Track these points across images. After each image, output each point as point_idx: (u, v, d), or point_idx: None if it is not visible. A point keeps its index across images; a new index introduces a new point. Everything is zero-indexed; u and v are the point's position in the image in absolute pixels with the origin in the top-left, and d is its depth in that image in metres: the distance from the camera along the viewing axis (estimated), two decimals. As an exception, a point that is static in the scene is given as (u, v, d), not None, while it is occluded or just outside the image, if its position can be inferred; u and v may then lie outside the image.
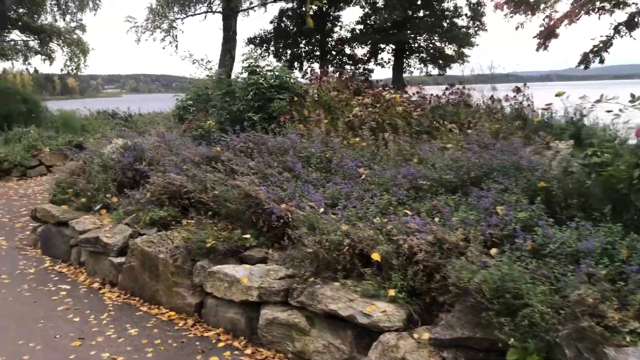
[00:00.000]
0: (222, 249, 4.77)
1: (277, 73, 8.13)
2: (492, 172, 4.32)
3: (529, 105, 7.61)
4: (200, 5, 24.83)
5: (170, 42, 25.22)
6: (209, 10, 24.96)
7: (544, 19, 12.56)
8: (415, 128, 6.98)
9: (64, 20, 31.02)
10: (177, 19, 25.07)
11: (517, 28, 12.96)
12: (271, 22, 27.47)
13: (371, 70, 29.08)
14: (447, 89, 8.57)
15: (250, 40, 27.73)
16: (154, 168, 6.62)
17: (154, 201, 6.05)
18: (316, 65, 28.70)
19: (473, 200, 4.05)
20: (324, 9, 27.25)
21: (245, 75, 8.50)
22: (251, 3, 25.29)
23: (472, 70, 11.70)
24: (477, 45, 25.75)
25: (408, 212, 4.29)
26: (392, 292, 3.60)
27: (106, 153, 7.54)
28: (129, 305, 5.07)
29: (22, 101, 15.17)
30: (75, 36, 30.25)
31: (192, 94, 11.41)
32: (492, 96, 7.68)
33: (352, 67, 28.54)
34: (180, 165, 6.45)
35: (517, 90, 7.66)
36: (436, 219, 4.07)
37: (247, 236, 4.93)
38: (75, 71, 31.75)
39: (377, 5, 26.78)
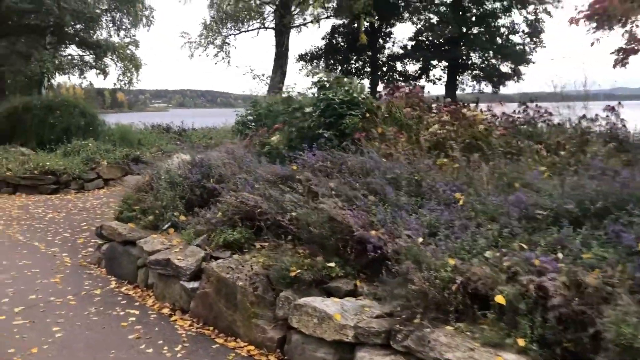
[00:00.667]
0: (307, 278, 4.35)
1: (346, 88, 7.76)
2: (623, 203, 3.78)
3: (623, 125, 7.02)
4: (253, 21, 24.89)
5: (223, 58, 25.41)
6: (262, 26, 24.98)
7: (623, 34, 11.86)
8: (499, 149, 6.49)
9: (118, 35, 31.76)
10: (230, 34, 25.22)
11: (592, 44, 12.30)
12: (323, 39, 27.33)
13: (422, 87, 28.55)
14: (523, 106, 8.06)
15: (301, 57, 27.69)
16: (224, 186, 6.30)
17: (226, 221, 5.71)
18: (366, 82, 28.41)
19: (608, 234, 3.52)
20: (376, 25, 26.96)
21: (314, 90, 8.16)
22: (304, 19, 25.20)
23: (541, 87, 11.00)
24: (534, 62, 24.91)
25: (524, 245, 3.78)
26: (521, 342, 3.09)
27: (172, 169, 7.26)
28: (203, 335, 4.69)
29: (81, 114, 15.26)
30: (128, 51, 30.86)
31: (252, 109, 11.16)
32: (584, 115, 7.09)
33: (403, 84, 28.10)
34: (252, 183, 6.11)
35: (611, 109, 7.08)
36: (560, 255, 3.56)
37: (332, 265, 4.51)
38: (127, 85, 32.36)
39: (431, 21, 26.33)
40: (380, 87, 9.11)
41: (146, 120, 21.58)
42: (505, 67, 25.60)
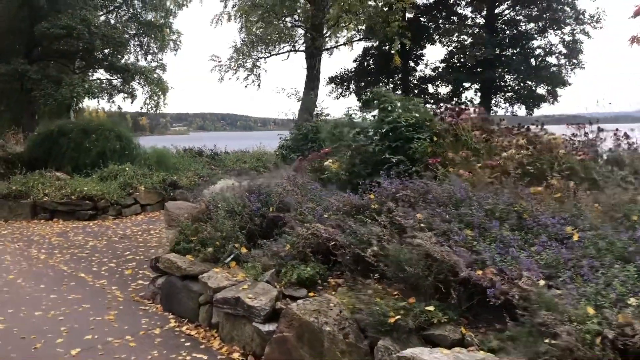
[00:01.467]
0: (407, 325, 3.84)
1: (410, 108, 7.31)
2: None
3: None
4: (284, 44, 24.71)
5: (253, 81, 25.21)
6: (293, 49, 24.79)
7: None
8: (581, 174, 5.97)
9: (146, 59, 31.93)
10: (261, 57, 25.05)
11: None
12: (354, 61, 27.06)
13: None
14: (579, 128, 7.51)
15: (332, 79, 27.43)
16: (290, 215, 5.84)
17: (296, 255, 5.24)
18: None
19: None
20: (407, 47, 26.64)
21: (373, 113, 7.72)
22: (337, 42, 24.98)
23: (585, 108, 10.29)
24: (570, 84, 24.30)
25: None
26: None
27: (227, 196, 6.82)
28: (284, 386, 4.19)
29: (117, 138, 15.01)
30: (155, 75, 30.93)
31: (296, 132, 10.78)
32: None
33: (434, 106, 27.64)
34: (321, 213, 5.64)
35: None
36: None
37: (431, 309, 3.99)
38: (154, 109, 32.43)
39: (465, 43, 25.93)
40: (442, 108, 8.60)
41: (168, 143, 21.30)
42: (541, 89, 24.99)
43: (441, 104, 9.39)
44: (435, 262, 4.12)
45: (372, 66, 26.91)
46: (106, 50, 28.18)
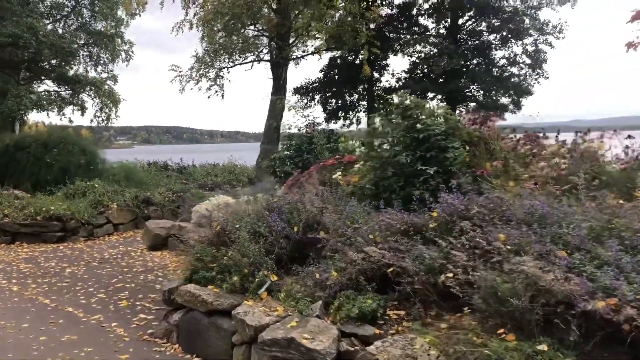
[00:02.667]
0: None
1: (438, 114, 6.76)
2: None
3: None
4: (248, 54, 23.89)
5: (217, 92, 24.23)
6: (257, 59, 24.02)
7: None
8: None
9: (96, 70, 30.39)
10: (224, 67, 24.15)
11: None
12: (321, 71, 26.51)
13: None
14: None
15: (297, 90, 26.74)
16: (329, 237, 5.14)
17: (347, 284, 4.54)
18: (363, 115, 27.64)
19: None
20: (371, 58, 26.35)
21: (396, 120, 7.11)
22: (304, 51, 24.39)
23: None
24: (534, 93, 24.53)
25: None
26: None
27: (243, 216, 6.04)
28: None
29: (81, 152, 13.87)
30: (106, 87, 29.56)
31: (288, 143, 10.08)
32: None
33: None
34: (367, 234, 4.97)
35: None
36: None
37: (544, 348, 3.38)
38: (105, 122, 30.94)
39: (430, 53, 25.84)
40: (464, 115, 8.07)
41: (114, 157, 20.02)
42: (505, 99, 25.10)
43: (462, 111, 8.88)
44: (542, 292, 3.52)
45: (337, 76, 26.37)
46: (54, 61, 26.66)
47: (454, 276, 4.05)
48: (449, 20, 25.94)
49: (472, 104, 27.16)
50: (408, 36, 27.09)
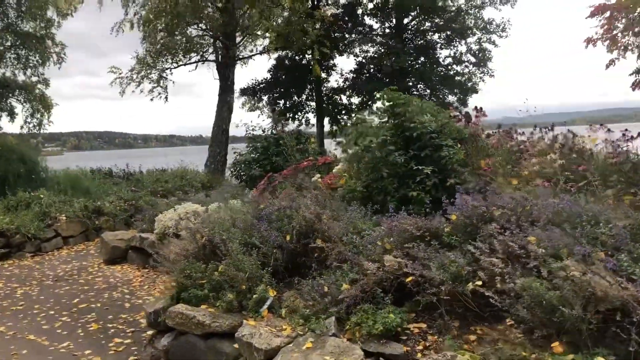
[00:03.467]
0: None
1: (426, 109, 6.48)
2: None
3: None
4: (193, 54, 23.04)
5: (160, 94, 23.27)
6: (203, 59, 23.21)
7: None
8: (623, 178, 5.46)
9: (25, 74, 28.63)
10: (167, 68, 23.20)
11: (607, 67, 11.82)
12: (269, 71, 25.97)
13: (364, 120, 27.74)
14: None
15: (244, 91, 26.10)
16: (332, 246, 4.73)
17: (362, 296, 4.16)
18: (311, 115, 27.30)
19: None
20: (318, 58, 26.07)
21: (379, 119, 6.78)
22: (252, 51, 23.79)
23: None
24: (480, 90, 24.94)
25: None
26: None
27: (227, 225, 5.53)
28: None
29: (20, 160, 12.80)
30: (37, 91, 27.97)
31: (254, 145, 9.59)
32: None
33: (347, 117, 27.24)
34: (375, 240, 4.59)
35: None
36: None
37: None
38: (37, 128, 29.22)
39: (377, 53, 25.82)
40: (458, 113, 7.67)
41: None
42: (452, 97, 25.39)
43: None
44: (594, 299, 3.25)
45: (285, 77, 25.90)
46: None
47: (484, 284, 3.74)
48: (394, 20, 26.02)
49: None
50: (354, 36, 27.02)
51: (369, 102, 27.49)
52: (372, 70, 26.92)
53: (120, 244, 9.15)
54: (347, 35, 26.95)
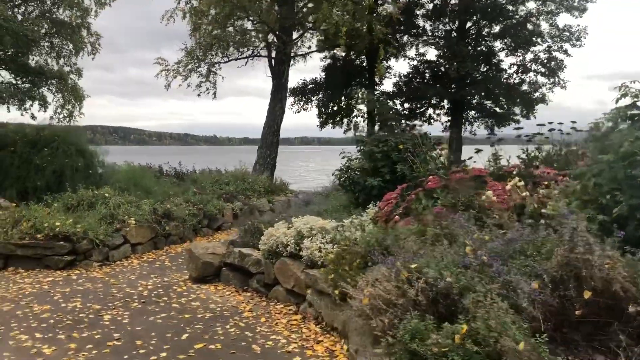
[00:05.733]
0: None
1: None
2: None
3: None
4: (244, 48, 21.62)
5: (208, 89, 21.95)
6: (256, 54, 21.79)
7: None
8: None
9: (58, 63, 27.42)
10: (217, 63, 21.81)
11: None
12: (323, 70, 24.56)
13: (413, 127, 26.13)
14: None
15: (293, 91, 24.64)
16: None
17: None
18: (360, 119, 25.78)
19: None
20: (379, 60, 24.60)
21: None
22: (309, 47, 22.39)
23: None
24: (547, 103, 23.28)
25: None
26: None
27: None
28: None
29: (78, 153, 11.39)
30: (70, 81, 26.73)
31: (380, 152, 8.10)
32: None
33: (396, 123, 25.71)
34: None
35: None
36: None
37: None
38: (67, 119, 27.92)
39: (439, 57, 24.27)
40: None
41: None
42: (517, 108, 23.75)
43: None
44: None
45: (337, 78, 24.38)
46: (11, 50, 23.73)
47: None
48: (456, 22, 24.47)
49: (472, 112, 25.91)
50: (406, 38, 25.55)
51: (422, 109, 26.01)
52: (427, 75, 25.44)
53: (212, 259, 7.68)
54: (398, 37, 25.36)
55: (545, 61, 22.88)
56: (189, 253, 7.87)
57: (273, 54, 21.21)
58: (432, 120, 26.18)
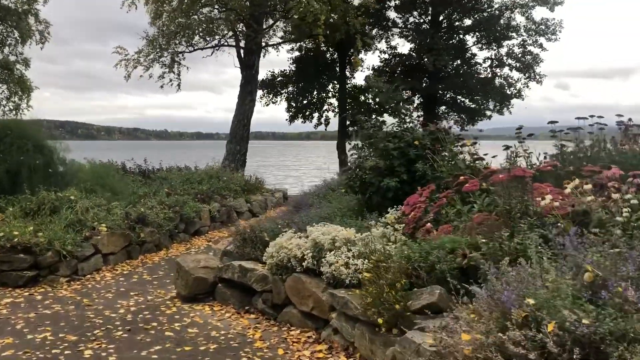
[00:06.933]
0: None
1: None
2: None
3: None
4: (212, 38, 20.28)
5: (171, 80, 20.54)
6: (222, 43, 20.51)
7: None
8: None
9: (2, 52, 25.41)
10: (181, 52, 20.41)
11: None
12: (293, 62, 23.46)
13: (383, 122, 25.30)
14: None
15: (264, 83, 23.44)
16: None
17: None
18: (331, 114, 24.81)
19: None
20: (335, 55, 23.66)
21: None
22: (282, 37, 21.25)
23: None
24: (523, 98, 22.89)
25: None
26: None
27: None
28: None
29: (36, 149, 10.00)
30: (16, 71, 24.78)
31: (395, 148, 7.20)
32: None
33: (365, 117, 24.85)
34: None
35: None
36: None
37: None
38: (14, 112, 25.87)
39: (412, 49, 23.56)
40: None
41: None
42: (490, 104, 23.28)
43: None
44: None
45: (308, 70, 23.28)
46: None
47: None
48: (429, 15, 23.78)
49: (443, 107, 25.32)
50: (377, 30, 24.72)
51: (394, 104, 25.24)
52: (398, 69, 24.68)
53: (205, 274, 6.57)
54: (367, 29, 24.38)
55: (520, 55, 22.48)
56: (177, 267, 6.74)
57: (242, 44, 20.03)
58: (402, 115, 25.42)
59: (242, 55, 19.79)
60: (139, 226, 8.91)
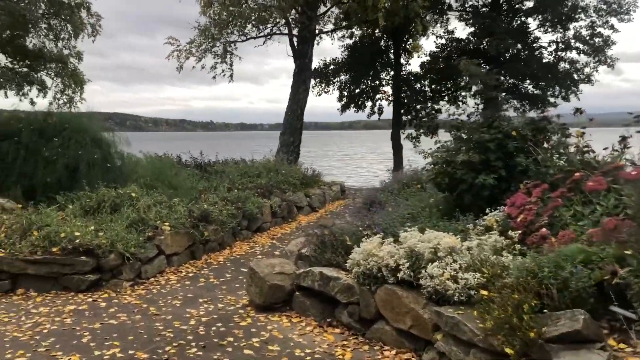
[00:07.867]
0: None
1: None
2: None
3: None
4: (264, 26, 19.66)
5: (224, 71, 20.04)
6: (275, 32, 19.89)
7: None
8: None
9: (56, 45, 25.38)
10: (233, 42, 19.89)
11: None
12: (347, 49, 22.67)
13: (439, 110, 24.23)
14: None
15: (317, 71, 22.72)
16: None
17: None
18: (385, 103, 23.91)
19: None
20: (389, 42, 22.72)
21: None
22: (336, 24, 20.49)
23: None
24: (593, 83, 21.45)
25: None
26: None
27: None
28: None
29: (94, 143, 9.61)
30: (70, 65, 24.73)
31: (493, 140, 6.39)
32: None
33: (421, 106, 23.83)
34: None
35: None
36: None
37: None
38: (67, 105, 25.92)
39: (470, 34, 22.39)
40: None
41: None
42: (557, 90, 21.92)
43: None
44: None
45: (362, 57, 22.46)
46: (8, 31, 21.79)
47: None
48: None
49: (502, 94, 24.02)
50: (432, 15, 23.59)
51: (448, 92, 24.16)
52: (454, 55, 23.53)
53: (282, 281, 5.96)
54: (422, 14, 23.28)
55: (588, 38, 21.04)
56: (250, 272, 6.14)
57: (295, 32, 19.36)
58: (459, 103, 24.35)
59: (296, 43, 19.13)
60: (202, 224, 8.38)
